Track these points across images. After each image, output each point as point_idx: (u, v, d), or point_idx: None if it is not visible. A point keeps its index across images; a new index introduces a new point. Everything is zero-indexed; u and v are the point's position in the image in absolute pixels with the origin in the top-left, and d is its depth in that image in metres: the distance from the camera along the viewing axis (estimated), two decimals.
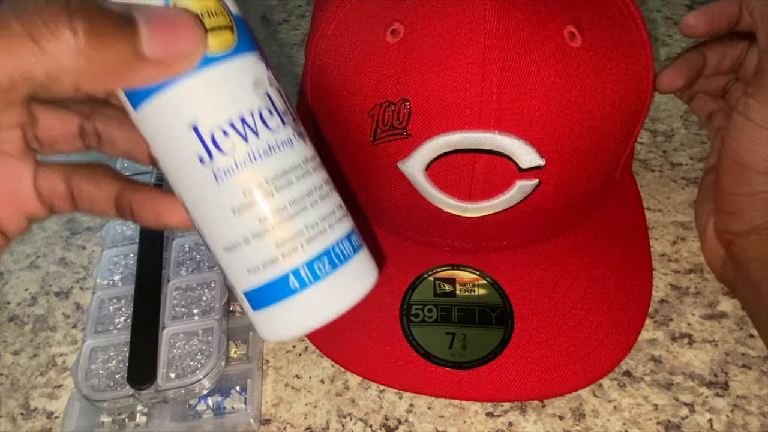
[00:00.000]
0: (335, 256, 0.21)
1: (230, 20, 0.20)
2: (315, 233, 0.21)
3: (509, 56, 0.27)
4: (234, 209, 0.20)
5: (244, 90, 0.20)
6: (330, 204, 0.22)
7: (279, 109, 0.21)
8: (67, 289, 0.39)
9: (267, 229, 0.20)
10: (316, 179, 0.21)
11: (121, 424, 0.32)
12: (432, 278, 0.34)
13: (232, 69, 0.20)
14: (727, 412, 0.31)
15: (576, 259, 0.35)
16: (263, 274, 0.20)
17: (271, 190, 0.20)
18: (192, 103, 0.19)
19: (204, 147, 0.20)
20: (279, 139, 0.20)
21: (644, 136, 0.45)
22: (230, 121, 0.20)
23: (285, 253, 0.20)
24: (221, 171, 0.20)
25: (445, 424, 0.31)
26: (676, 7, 0.57)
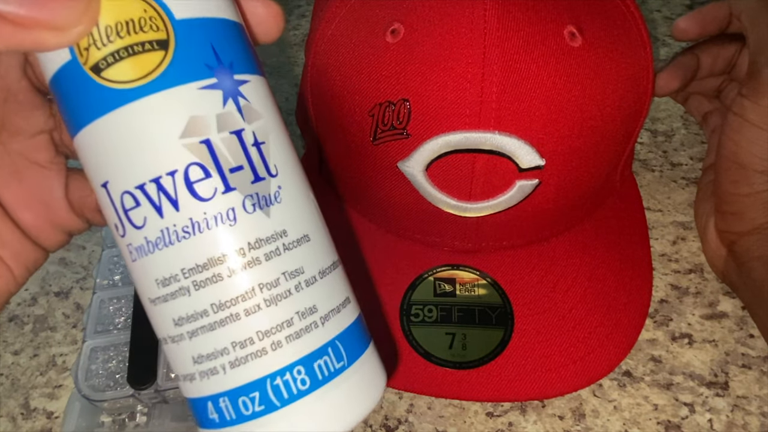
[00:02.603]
0: (283, 386, 0.15)
1: (166, 31, 0.14)
2: (248, 353, 0.15)
3: (509, 56, 0.27)
4: (150, 299, 0.15)
5: (164, 139, 0.14)
6: (292, 307, 0.15)
7: (225, 165, 0.15)
8: (67, 289, 0.39)
9: (182, 335, 0.15)
10: (269, 271, 0.15)
11: (121, 424, 0.32)
12: (432, 278, 0.34)
13: (151, 108, 0.14)
14: (727, 412, 0.31)
15: (576, 259, 0.35)
16: (186, 388, 0.16)
17: (187, 285, 0.15)
18: (100, 154, 0.15)
19: (116, 214, 0.15)
20: (213, 212, 0.14)
21: (644, 136, 0.45)
22: (141, 185, 0.14)
23: (203, 372, 0.15)
24: (135, 249, 0.15)
25: (445, 424, 0.31)
26: (676, 7, 0.57)
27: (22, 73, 0.18)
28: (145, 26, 0.14)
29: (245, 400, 0.15)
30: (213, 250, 0.14)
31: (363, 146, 0.31)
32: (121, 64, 0.14)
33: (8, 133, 0.18)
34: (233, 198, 0.15)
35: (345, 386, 0.16)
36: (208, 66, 0.15)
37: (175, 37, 0.14)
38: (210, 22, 0.15)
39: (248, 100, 0.15)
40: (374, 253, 0.35)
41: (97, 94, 0.14)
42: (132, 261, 0.15)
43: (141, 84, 0.14)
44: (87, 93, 0.14)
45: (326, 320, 0.16)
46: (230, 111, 0.15)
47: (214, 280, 0.14)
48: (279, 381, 0.15)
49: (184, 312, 0.15)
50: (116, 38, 0.14)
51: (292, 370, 0.15)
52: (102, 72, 0.14)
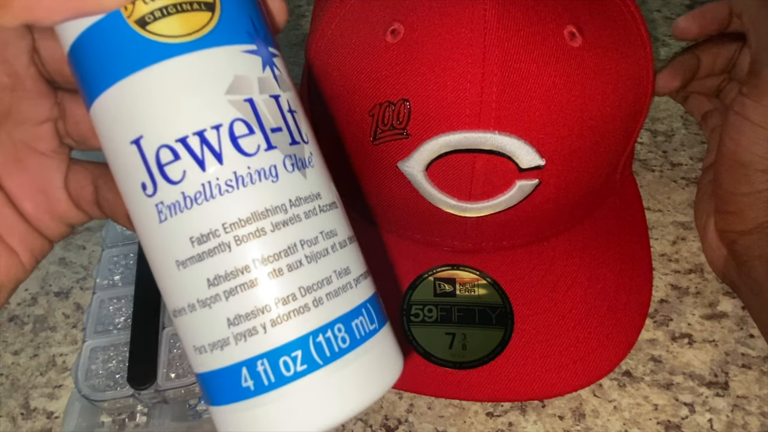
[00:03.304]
0: (326, 344, 0.15)
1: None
2: (291, 310, 0.14)
3: (509, 56, 0.27)
4: (178, 262, 0.15)
5: (210, 94, 0.14)
6: (330, 265, 0.15)
7: (267, 124, 0.15)
8: (67, 289, 0.39)
9: (217, 296, 0.14)
10: (309, 229, 0.15)
11: (121, 424, 0.32)
12: (432, 278, 0.34)
13: (199, 63, 0.14)
14: (727, 412, 0.31)
15: (576, 259, 0.35)
16: (211, 359, 0.15)
17: (228, 241, 0.14)
18: (135, 109, 0.14)
19: (147, 171, 0.14)
20: (256, 167, 0.14)
21: (644, 136, 0.45)
22: (183, 138, 0.14)
23: (239, 334, 0.14)
24: (166, 207, 0.14)
25: (445, 424, 0.31)
26: (676, 7, 0.57)
27: (30, 60, 0.17)
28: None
29: (287, 360, 0.14)
30: (257, 204, 0.14)
31: (363, 146, 0.31)
32: (169, 20, 0.14)
33: (14, 122, 0.18)
34: (275, 156, 0.15)
35: (377, 349, 0.16)
36: (248, 33, 0.15)
37: (221, 2, 0.15)
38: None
39: (280, 70, 0.16)
40: (374, 253, 0.35)
41: (140, 47, 0.14)
42: (160, 221, 0.15)
43: (189, 39, 0.14)
44: (128, 46, 0.14)
45: (358, 283, 0.16)
46: (268, 77, 0.15)
47: (258, 235, 0.14)
48: (321, 338, 0.14)
49: (222, 269, 0.14)
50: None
51: (333, 327, 0.15)
52: (148, 26, 0.14)
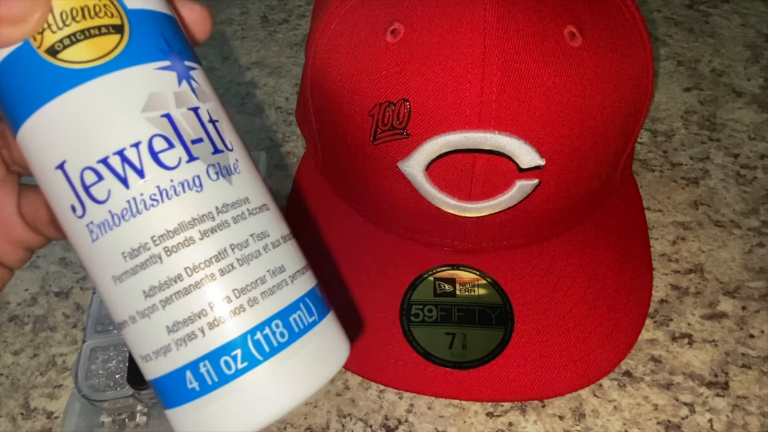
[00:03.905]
0: (264, 340, 0.15)
1: (120, 17, 0.15)
2: (227, 311, 0.15)
3: (509, 56, 0.27)
4: (114, 277, 0.15)
5: (126, 113, 0.15)
6: (263, 265, 0.16)
7: (186, 137, 0.15)
8: (67, 289, 0.39)
9: (154, 306, 0.15)
10: (238, 233, 0.15)
11: (121, 424, 0.32)
12: (432, 278, 0.34)
13: (112, 85, 0.15)
14: (727, 412, 0.31)
15: (576, 259, 0.35)
16: (157, 366, 0.15)
17: (159, 252, 0.15)
18: (55, 135, 0.15)
19: (75, 194, 0.15)
20: (179, 179, 0.15)
21: (644, 136, 0.45)
22: (104, 159, 0.15)
23: (179, 340, 0.15)
24: (96, 226, 0.15)
25: (445, 424, 0.31)
26: (676, 7, 0.57)
27: None
28: (100, 12, 0.15)
29: (227, 359, 0.15)
30: (183, 214, 0.15)
31: (363, 146, 0.31)
32: (79, 46, 0.15)
33: None
34: (197, 166, 0.15)
35: (319, 339, 0.16)
36: (161, 50, 0.16)
37: (129, 23, 0.15)
38: (157, 14, 0.16)
39: (198, 83, 0.16)
40: (374, 253, 0.35)
41: (53, 76, 0.15)
42: (93, 241, 0.15)
43: (100, 63, 0.15)
44: (41, 75, 0.15)
45: (294, 279, 0.17)
46: (185, 90, 0.16)
47: (187, 244, 0.15)
48: (259, 335, 0.15)
49: (156, 280, 0.15)
50: (72, 22, 0.15)
51: (271, 324, 0.15)
52: (58, 54, 0.15)
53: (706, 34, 0.54)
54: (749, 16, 0.55)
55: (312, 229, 0.37)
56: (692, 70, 0.50)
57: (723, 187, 0.42)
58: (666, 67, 0.51)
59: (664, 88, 0.49)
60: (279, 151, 0.46)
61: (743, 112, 0.47)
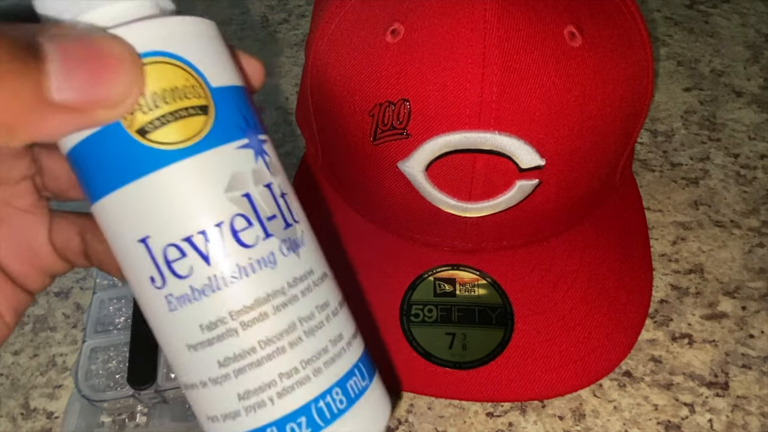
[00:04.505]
0: (326, 407, 0.16)
1: (206, 98, 0.15)
2: (294, 382, 0.16)
3: (509, 56, 0.27)
4: (190, 345, 0.16)
5: (211, 194, 0.15)
6: (326, 335, 0.17)
7: (263, 214, 0.16)
8: (67, 289, 0.39)
9: (228, 375, 0.16)
10: (305, 306, 0.16)
11: (121, 424, 0.32)
12: (432, 278, 0.34)
13: (198, 167, 0.15)
14: (727, 412, 0.31)
15: (576, 258, 0.35)
16: (224, 427, 0.16)
17: (235, 327, 0.15)
18: (140, 211, 0.15)
19: (155, 267, 0.15)
20: (256, 257, 0.16)
21: (644, 136, 0.45)
22: (188, 237, 0.15)
23: (249, 407, 0.16)
24: (175, 298, 0.16)
25: (445, 424, 0.31)
26: (676, 7, 0.57)
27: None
28: (189, 93, 0.15)
29: (293, 426, 0.16)
30: (259, 291, 0.16)
31: (363, 146, 0.31)
32: (168, 128, 0.15)
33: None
34: (272, 243, 0.16)
35: (370, 401, 0.18)
36: (240, 128, 0.16)
37: (215, 103, 0.16)
38: (236, 89, 0.17)
39: (270, 156, 0.17)
40: (374, 253, 0.35)
41: (142, 155, 0.15)
42: (170, 310, 0.16)
43: (188, 145, 0.15)
44: (130, 154, 0.15)
45: (350, 345, 0.18)
46: (261, 167, 0.16)
47: (261, 319, 0.16)
48: (322, 403, 0.16)
49: (231, 352, 0.15)
50: (162, 104, 0.15)
51: (332, 392, 0.16)
52: (148, 134, 0.15)
53: (706, 34, 0.54)
54: (749, 16, 0.55)
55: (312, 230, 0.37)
56: (692, 70, 0.50)
57: (723, 187, 0.42)
58: (666, 67, 0.51)
59: (664, 88, 0.49)
60: (279, 151, 0.46)
61: (743, 112, 0.47)
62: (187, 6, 0.60)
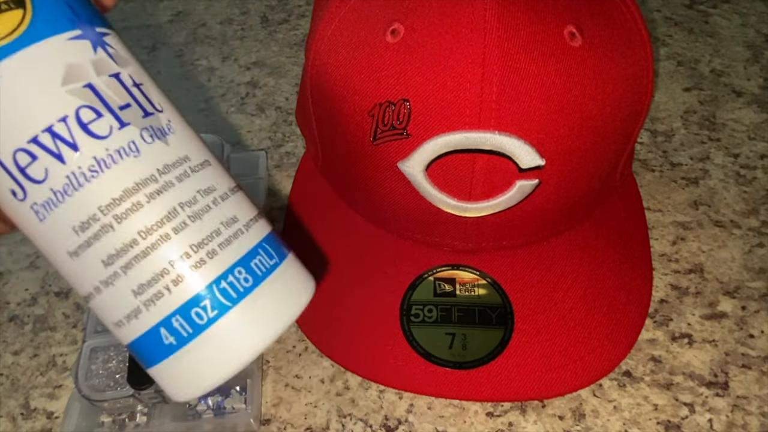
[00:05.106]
0: (230, 287, 0.16)
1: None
2: (188, 266, 0.15)
3: (509, 56, 0.27)
4: (70, 252, 0.15)
5: (47, 89, 0.14)
6: (216, 218, 0.16)
7: (113, 104, 0.15)
8: (67, 289, 0.39)
9: (116, 273, 0.15)
10: (185, 191, 0.16)
11: (121, 424, 0.32)
12: (432, 278, 0.34)
13: (26, 62, 0.14)
14: (727, 412, 0.31)
15: (576, 259, 0.35)
16: (130, 329, 0.16)
17: (109, 221, 0.15)
18: None
19: (11, 177, 0.15)
20: (114, 147, 0.15)
21: (644, 136, 0.45)
22: (34, 138, 0.14)
23: (147, 301, 0.15)
24: (41, 206, 0.15)
25: (445, 424, 0.31)
26: (676, 7, 0.57)
27: None
28: None
29: (198, 310, 0.15)
30: (126, 181, 0.15)
31: (363, 146, 0.31)
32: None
33: None
34: (130, 132, 0.15)
35: (283, 280, 0.17)
36: (69, 20, 0.15)
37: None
38: None
39: (115, 48, 0.16)
40: (374, 253, 0.35)
41: None
42: (40, 221, 0.15)
43: (8, 42, 0.14)
44: None
45: (249, 227, 0.17)
46: (102, 57, 0.15)
47: (135, 209, 0.15)
48: (224, 284, 0.16)
49: (112, 248, 0.15)
50: None
51: (233, 271, 0.16)
52: None
53: (706, 34, 0.54)
54: (749, 16, 0.55)
55: (312, 229, 0.37)
56: (692, 70, 0.50)
57: (723, 187, 0.42)
58: (666, 67, 0.51)
59: (664, 88, 0.49)
60: (279, 151, 0.46)
61: (743, 112, 0.47)
62: (187, 6, 0.60)
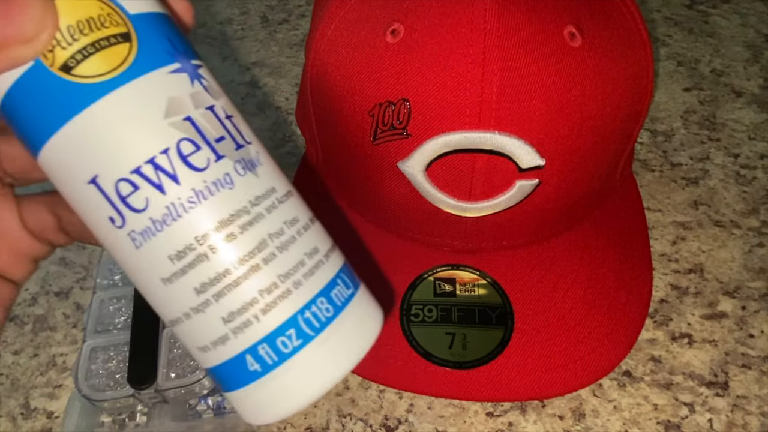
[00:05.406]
0: (313, 317, 0.16)
1: (126, 25, 0.15)
2: (276, 297, 0.16)
3: (509, 56, 0.27)
4: (163, 279, 0.16)
5: (150, 121, 0.15)
6: (300, 249, 0.17)
7: (209, 136, 0.16)
8: (67, 289, 0.39)
9: (208, 301, 0.16)
10: (273, 222, 0.16)
11: (121, 424, 0.32)
12: (432, 278, 0.34)
13: (132, 95, 0.15)
14: (727, 412, 0.31)
15: (576, 259, 0.35)
16: (216, 354, 0.16)
17: (204, 251, 0.15)
18: (82, 151, 0.15)
19: (111, 206, 0.15)
20: (211, 179, 0.15)
21: (644, 136, 0.45)
22: (137, 169, 0.15)
23: (236, 328, 0.16)
24: (138, 234, 0.15)
25: (445, 424, 0.31)
26: (676, 7, 0.57)
27: None
28: (106, 22, 0.15)
29: (283, 339, 0.16)
30: (221, 212, 0.16)
31: (363, 146, 0.31)
32: (91, 60, 0.15)
33: None
34: (225, 164, 0.16)
35: (359, 309, 0.18)
36: (168, 53, 0.16)
37: (136, 30, 0.15)
38: (158, 15, 0.16)
39: (208, 80, 0.17)
40: (374, 253, 0.35)
41: (71, 93, 0.15)
42: (136, 248, 0.16)
43: (116, 75, 0.15)
44: (58, 94, 0.15)
45: (328, 258, 0.18)
46: (199, 90, 0.16)
47: (229, 240, 0.15)
48: (308, 314, 0.16)
49: (206, 277, 0.15)
50: (80, 36, 0.15)
51: (316, 301, 0.17)
52: (72, 70, 0.15)
53: (706, 34, 0.54)
54: (749, 16, 0.55)
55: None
56: (692, 70, 0.50)
57: (723, 187, 0.42)
58: (666, 67, 0.51)
59: (664, 88, 0.49)
60: (279, 151, 0.46)
61: (743, 112, 0.47)
62: None
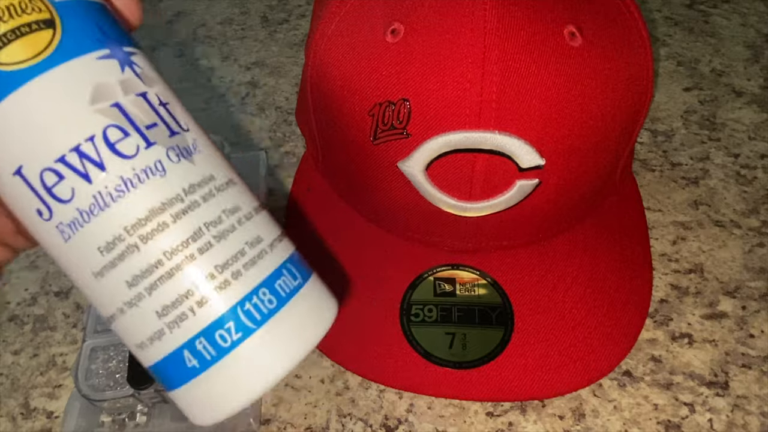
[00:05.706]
0: (254, 309, 0.16)
1: (49, 11, 0.15)
2: (213, 288, 0.15)
3: (509, 56, 0.27)
4: (95, 272, 0.15)
5: (75, 108, 0.14)
6: (240, 238, 0.16)
7: (140, 123, 0.15)
8: (67, 289, 0.39)
9: (140, 294, 0.15)
10: (210, 210, 0.16)
11: (121, 424, 0.32)
12: (432, 278, 0.34)
13: (55, 82, 0.14)
14: (727, 412, 0.31)
15: (576, 258, 0.35)
16: (153, 351, 0.16)
17: (135, 242, 0.15)
18: (6, 141, 0.14)
19: (38, 197, 0.15)
20: (141, 167, 0.15)
21: (644, 136, 0.45)
22: (61, 157, 0.14)
23: (171, 323, 0.15)
24: (66, 226, 0.15)
25: (445, 424, 0.31)
26: (676, 7, 0.57)
27: None
28: (27, 8, 0.14)
29: (222, 332, 0.15)
30: (152, 200, 0.15)
31: (363, 146, 0.31)
32: (12, 47, 0.14)
33: None
34: (156, 151, 0.15)
35: (307, 301, 0.17)
36: (97, 40, 0.15)
37: (60, 16, 0.15)
38: (87, 2, 0.16)
39: (141, 67, 0.16)
40: (374, 253, 0.35)
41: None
42: (65, 241, 0.15)
43: (38, 61, 0.14)
44: None
45: (273, 247, 0.17)
46: (130, 77, 0.16)
47: (161, 229, 0.15)
48: (249, 305, 0.16)
49: (137, 269, 0.15)
50: (0, 24, 0.14)
51: (257, 292, 0.16)
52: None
53: (706, 34, 0.54)
54: (749, 16, 0.55)
55: (312, 229, 0.37)
56: (692, 70, 0.50)
57: (723, 187, 0.42)
58: (666, 67, 0.51)
59: (664, 88, 0.49)
60: (279, 151, 0.46)
61: (743, 112, 0.47)
62: (187, 6, 0.60)
